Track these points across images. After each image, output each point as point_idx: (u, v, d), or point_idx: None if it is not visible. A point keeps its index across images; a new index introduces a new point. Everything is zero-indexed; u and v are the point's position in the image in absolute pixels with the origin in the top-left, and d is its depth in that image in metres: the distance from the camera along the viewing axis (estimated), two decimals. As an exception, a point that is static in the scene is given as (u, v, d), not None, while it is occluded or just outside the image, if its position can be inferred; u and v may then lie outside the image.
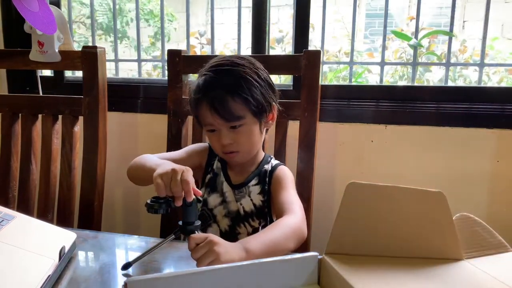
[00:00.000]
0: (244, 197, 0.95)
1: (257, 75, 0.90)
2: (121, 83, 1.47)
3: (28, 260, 0.64)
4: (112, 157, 1.22)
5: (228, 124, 0.88)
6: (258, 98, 0.88)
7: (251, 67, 0.90)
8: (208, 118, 0.88)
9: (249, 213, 0.94)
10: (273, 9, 1.37)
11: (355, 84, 1.43)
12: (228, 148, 0.90)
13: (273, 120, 0.97)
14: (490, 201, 1.21)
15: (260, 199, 0.94)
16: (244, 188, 0.95)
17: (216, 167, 0.99)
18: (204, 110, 0.88)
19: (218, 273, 0.50)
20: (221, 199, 0.96)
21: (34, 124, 1.15)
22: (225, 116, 0.86)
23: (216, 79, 0.87)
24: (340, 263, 0.52)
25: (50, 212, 1.13)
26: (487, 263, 0.54)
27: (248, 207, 0.94)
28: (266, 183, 0.95)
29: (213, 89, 0.87)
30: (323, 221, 1.17)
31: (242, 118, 0.88)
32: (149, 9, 3.06)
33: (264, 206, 0.94)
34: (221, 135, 0.89)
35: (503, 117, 1.18)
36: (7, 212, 0.73)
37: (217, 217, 0.96)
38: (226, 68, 0.88)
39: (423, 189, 0.53)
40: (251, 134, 0.91)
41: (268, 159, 0.99)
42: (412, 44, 1.35)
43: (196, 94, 0.89)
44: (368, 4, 2.96)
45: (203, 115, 0.89)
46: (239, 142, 0.89)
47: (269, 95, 0.92)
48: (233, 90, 0.86)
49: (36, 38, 1.11)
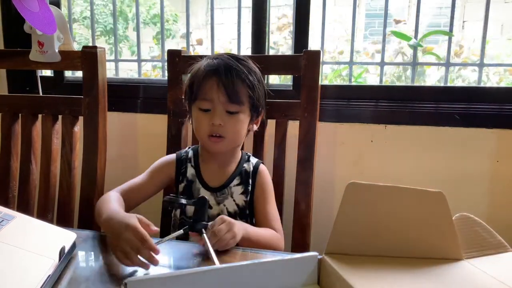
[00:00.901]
0: (227, 198, 0.95)
1: (261, 77, 0.97)
2: (121, 83, 1.47)
3: (28, 260, 0.64)
4: (112, 157, 1.22)
5: (227, 105, 0.90)
6: (259, 94, 0.94)
7: (257, 69, 0.97)
8: (212, 93, 0.90)
9: (232, 214, 0.95)
10: (273, 9, 1.37)
11: (355, 84, 1.43)
12: (217, 130, 0.91)
13: (257, 124, 1.01)
14: (490, 201, 1.21)
15: (243, 199, 0.95)
16: (226, 190, 0.96)
17: (190, 174, 0.98)
18: (211, 85, 0.90)
19: (218, 273, 0.50)
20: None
21: (34, 124, 1.15)
22: (230, 95, 0.89)
23: (232, 61, 0.92)
24: (340, 263, 0.52)
25: (50, 212, 1.13)
26: (486, 263, 0.54)
27: (231, 208, 0.95)
28: (249, 184, 0.96)
29: (227, 69, 0.91)
30: (323, 221, 1.17)
31: (242, 105, 0.92)
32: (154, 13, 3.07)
33: (245, 207, 0.95)
34: (215, 115, 0.90)
35: (503, 117, 1.18)
36: (7, 212, 0.73)
37: None
38: (240, 58, 0.95)
39: (423, 189, 0.53)
40: (241, 124, 0.93)
41: (245, 157, 1.01)
42: (412, 44, 1.35)
43: (210, 67, 0.92)
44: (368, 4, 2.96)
45: (207, 89, 0.91)
46: (228, 128, 0.91)
47: (263, 99, 0.98)
48: (245, 76, 0.91)
49: (36, 38, 1.11)
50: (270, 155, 1.14)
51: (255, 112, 0.96)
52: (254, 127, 1.00)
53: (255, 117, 0.97)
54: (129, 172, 1.46)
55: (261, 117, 1.01)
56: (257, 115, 0.98)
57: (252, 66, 0.96)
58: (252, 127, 0.99)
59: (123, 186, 0.95)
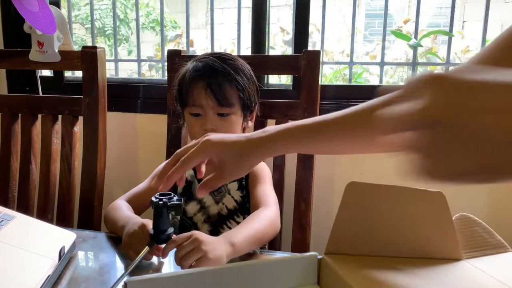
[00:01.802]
0: (225, 196, 0.95)
1: (250, 74, 0.96)
2: (121, 83, 1.47)
3: (28, 260, 0.64)
4: (112, 157, 1.22)
5: (217, 109, 0.90)
6: (249, 92, 0.93)
7: (245, 66, 0.95)
8: (201, 99, 0.90)
9: (232, 210, 0.95)
10: (273, 9, 1.37)
11: (355, 84, 1.43)
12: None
13: (252, 121, 1.00)
14: (490, 201, 1.21)
15: (239, 194, 0.95)
16: (223, 188, 0.95)
17: (188, 175, 0.98)
18: (199, 90, 0.90)
19: (218, 273, 0.50)
20: (199, 206, 0.96)
21: (33, 124, 1.15)
22: (219, 99, 0.89)
23: (217, 63, 0.91)
24: (340, 263, 0.52)
25: (49, 212, 1.13)
26: (486, 263, 0.54)
27: (231, 205, 0.95)
28: (243, 179, 0.95)
29: (213, 72, 0.90)
30: (323, 221, 1.17)
31: (233, 106, 0.91)
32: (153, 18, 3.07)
33: (244, 202, 0.95)
34: (207, 120, 0.90)
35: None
36: (6, 212, 0.73)
37: (197, 224, 0.96)
38: (226, 58, 0.93)
39: (423, 189, 0.53)
40: (234, 126, 0.93)
41: None
42: (412, 44, 1.35)
43: (195, 72, 0.91)
44: (368, 4, 2.96)
45: (195, 95, 0.90)
46: (221, 131, 0.90)
47: (255, 95, 0.97)
48: (232, 78, 0.90)
49: (35, 38, 1.11)
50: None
51: (248, 110, 0.95)
52: (249, 124, 1.00)
53: (249, 114, 0.97)
54: (129, 172, 1.46)
55: (255, 113, 1.00)
56: (251, 112, 0.97)
57: (240, 64, 0.94)
58: (247, 124, 0.99)
59: (127, 194, 0.95)
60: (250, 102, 0.94)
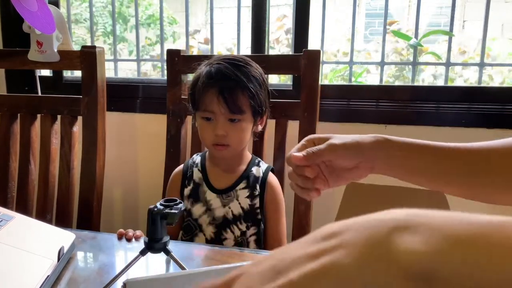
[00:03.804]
0: (232, 200, 0.95)
1: (263, 79, 0.95)
2: (120, 83, 1.47)
3: (27, 260, 0.64)
4: (111, 157, 1.22)
5: (229, 115, 0.90)
6: (261, 99, 0.93)
7: (258, 71, 0.95)
8: (213, 105, 0.90)
9: (237, 216, 0.95)
10: (272, 9, 1.37)
11: (355, 84, 1.43)
12: (220, 140, 0.91)
13: (262, 125, 1.01)
14: (490, 201, 1.21)
15: (248, 202, 0.95)
16: (232, 192, 0.96)
17: (196, 178, 0.98)
18: (211, 96, 0.90)
19: (218, 273, 0.49)
20: (205, 208, 0.96)
21: (32, 124, 1.15)
22: (231, 106, 0.89)
23: (230, 70, 0.91)
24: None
25: (49, 212, 1.13)
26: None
27: (236, 211, 0.95)
28: (255, 189, 0.96)
29: (226, 78, 0.90)
30: (323, 221, 1.16)
31: (244, 113, 0.91)
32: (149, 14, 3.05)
33: (252, 211, 0.95)
34: (218, 125, 0.90)
35: (503, 117, 1.18)
36: (5, 212, 0.73)
37: (202, 226, 0.96)
38: (240, 63, 0.93)
39: (423, 189, 0.53)
40: (244, 131, 0.93)
41: (255, 161, 1.00)
42: (412, 44, 1.35)
43: (208, 79, 0.91)
44: (368, 4, 2.96)
45: (207, 101, 0.91)
46: (232, 136, 0.91)
47: (266, 100, 0.97)
48: (244, 85, 0.90)
49: (34, 37, 1.11)
50: (270, 155, 1.13)
51: (258, 115, 0.95)
52: (259, 127, 1.00)
53: (259, 119, 0.97)
54: (128, 172, 1.46)
55: (266, 117, 1.00)
56: (261, 117, 0.97)
57: (254, 70, 0.94)
58: (257, 128, 0.99)
59: None
60: (261, 108, 0.94)
